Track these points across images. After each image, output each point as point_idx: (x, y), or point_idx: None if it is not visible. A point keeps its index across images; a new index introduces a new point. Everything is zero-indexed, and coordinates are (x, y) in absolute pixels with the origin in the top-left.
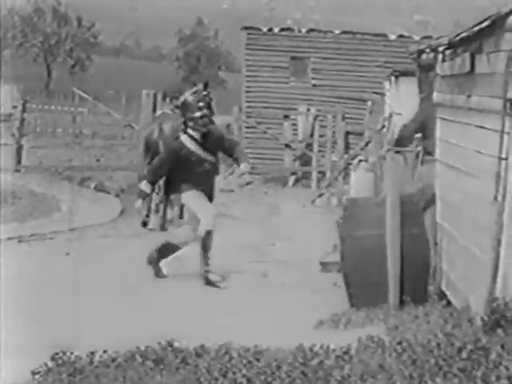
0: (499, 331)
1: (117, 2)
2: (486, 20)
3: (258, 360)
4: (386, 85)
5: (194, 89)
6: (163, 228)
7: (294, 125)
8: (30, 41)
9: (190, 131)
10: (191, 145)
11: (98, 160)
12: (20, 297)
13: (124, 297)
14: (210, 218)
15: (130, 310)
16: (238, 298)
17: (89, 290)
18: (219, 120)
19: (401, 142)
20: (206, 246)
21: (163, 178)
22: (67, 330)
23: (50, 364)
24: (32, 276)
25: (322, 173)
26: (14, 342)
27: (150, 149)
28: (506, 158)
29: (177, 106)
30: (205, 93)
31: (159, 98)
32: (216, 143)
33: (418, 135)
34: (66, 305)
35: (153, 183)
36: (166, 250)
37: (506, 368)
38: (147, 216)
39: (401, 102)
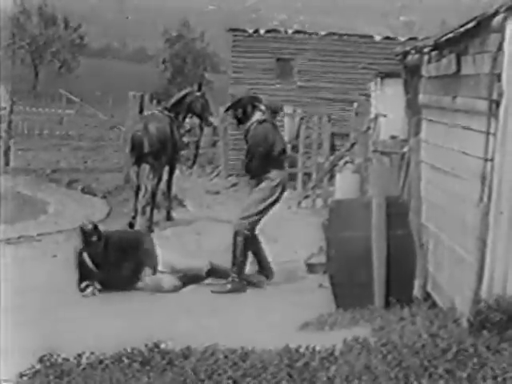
0: (484, 332)
1: (103, 4)
2: (471, 21)
3: (243, 361)
4: (372, 86)
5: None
6: (150, 230)
7: (279, 126)
8: (17, 42)
9: None
10: None
11: (84, 162)
12: (7, 299)
13: (111, 298)
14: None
15: (117, 311)
16: (224, 299)
17: (76, 292)
18: None
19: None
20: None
21: (154, 182)
22: (54, 332)
23: (38, 366)
24: (19, 278)
25: (308, 174)
26: (0, 344)
27: (135, 147)
28: (492, 159)
29: (166, 108)
30: (198, 94)
31: (146, 99)
32: None
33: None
34: (53, 307)
35: None
36: None
37: (492, 369)
38: (133, 218)
39: (386, 103)
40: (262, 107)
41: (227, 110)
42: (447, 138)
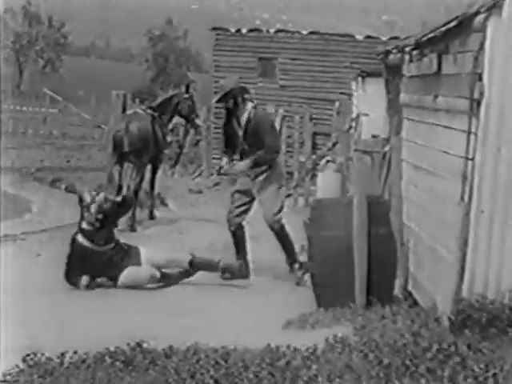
0: (466, 331)
1: (87, 2)
2: (452, 20)
3: (225, 361)
4: (353, 85)
5: (177, 91)
6: (132, 229)
7: None
8: (0, 41)
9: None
10: None
11: (68, 161)
12: None
13: (94, 297)
14: None
15: (100, 310)
16: (206, 299)
17: (59, 291)
18: None
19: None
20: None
21: (136, 180)
22: (38, 332)
23: (22, 365)
24: (3, 277)
25: (290, 173)
26: None
27: (116, 146)
28: (473, 159)
29: (151, 107)
30: (186, 96)
31: (129, 98)
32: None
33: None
34: (37, 306)
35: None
36: None
37: (472, 369)
38: None
39: (368, 102)
40: (250, 98)
41: (218, 101)
42: (428, 137)
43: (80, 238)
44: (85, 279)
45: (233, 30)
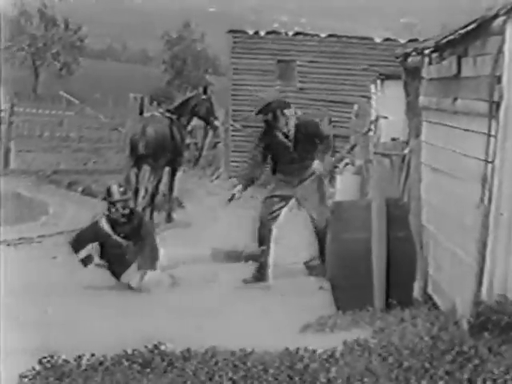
0: (485, 334)
1: (103, 5)
2: (472, 23)
3: (244, 363)
4: (372, 88)
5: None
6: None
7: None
8: (17, 44)
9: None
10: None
11: (85, 164)
12: (7, 300)
13: (111, 300)
14: None
15: (117, 313)
16: (224, 301)
17: (76, 294)
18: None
19: None
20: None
21: (154, 183)
22: (55, 334)
23: (38, 368)
24: (19, 279)
25: None
26: (0, 346)
27: (133, 149)
28: (492, 161)
29: (169, 110)
30: (204, 97)
31: (146, 101)
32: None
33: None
34: (53, 308)
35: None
36: None
37: (492, 371)
38: None
39: (387, 105)
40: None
41: (257, 113)
42: (447, 140)
43: (102, 221)
44: (84, 253)
45: (251, 33)
